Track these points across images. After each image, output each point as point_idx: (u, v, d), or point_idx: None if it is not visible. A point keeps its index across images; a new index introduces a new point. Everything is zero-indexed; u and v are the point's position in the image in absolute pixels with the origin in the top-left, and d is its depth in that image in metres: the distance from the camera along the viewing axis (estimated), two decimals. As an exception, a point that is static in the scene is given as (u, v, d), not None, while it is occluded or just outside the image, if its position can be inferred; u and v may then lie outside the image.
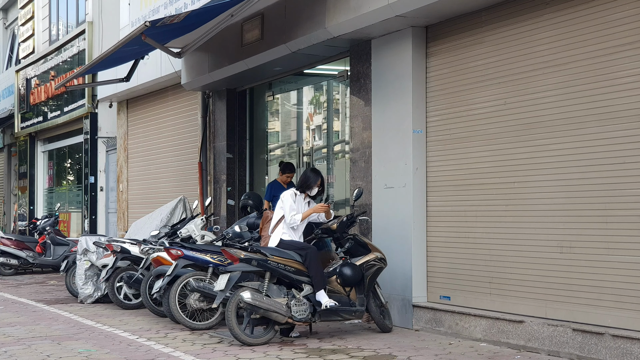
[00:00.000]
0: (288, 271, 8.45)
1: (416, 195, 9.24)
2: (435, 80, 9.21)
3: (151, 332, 9.37)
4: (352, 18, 9.25)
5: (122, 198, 17.88)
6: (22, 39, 24.06)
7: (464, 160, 8.78)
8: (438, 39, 9.16)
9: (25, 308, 11.79)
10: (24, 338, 9.02)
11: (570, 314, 7.48)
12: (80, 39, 19.43)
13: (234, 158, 13.52)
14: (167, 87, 15.78)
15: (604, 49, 7.21)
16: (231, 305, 8.21)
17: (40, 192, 23.98)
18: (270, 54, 11.06)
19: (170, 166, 15.88)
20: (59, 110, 21.02)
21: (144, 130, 17.10)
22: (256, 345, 8.22)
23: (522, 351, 7.76)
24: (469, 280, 8.69)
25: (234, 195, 13.36)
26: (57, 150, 23.23)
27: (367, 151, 9.91)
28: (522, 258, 8.03)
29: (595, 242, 7.26)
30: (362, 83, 10.06)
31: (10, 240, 17.44)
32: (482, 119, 8.54)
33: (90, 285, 12.13)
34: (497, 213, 8.36)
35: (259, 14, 11.13)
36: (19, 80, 24.10)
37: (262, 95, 13.43)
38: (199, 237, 10.81)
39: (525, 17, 8.02)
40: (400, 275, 9.31)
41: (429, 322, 9.02)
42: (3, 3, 27.12)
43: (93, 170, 19.35)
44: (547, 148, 7.75)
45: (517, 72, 8.11)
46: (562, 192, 7.61)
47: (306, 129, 12.73)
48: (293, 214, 8.72)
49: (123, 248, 11.44)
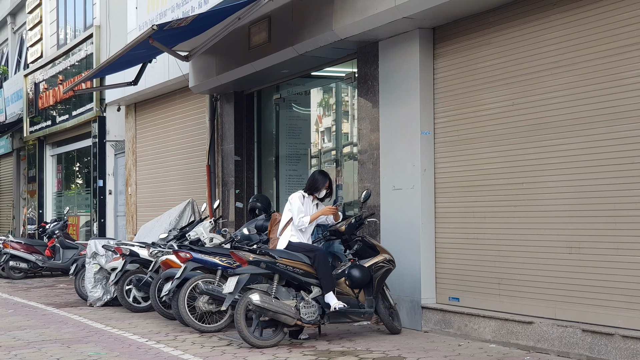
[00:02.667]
0: (297, 273, 8.45)
1: (424, 197, 9.23)
2: (442, 81, 9.20)
3: (160, 334, 9.39)
4: (359, 20, 9.25)
5: (130, 201, 17.90)
6: (31, 44, 24.13)
7: (472, 162, 8.77)
8: (445, 40, 9.15)
9: (34, 311, 11.82)
10: (33, 341, 9.04)
11: (579, 315, 7.47)
12: (88, 43, 19.47)
13: (242, 161, 13.53)
14: (175, 91, 15.81)
15: (613, 49, 7.20)
16: (240, 307, 8.21)
17: (49, 196, 24.04)
18: (277, 57, 11.07)
19: (178, 169, 15.90)
20: (68, 114, 21.07)
21: (152, 134, 17.12)
22: (265, 348, 8.22)
23: (531, 352, 7.74)
24: (478, 281, 8.67)
25: (242, 198, 13.37)
26: (65, 154, 23.28)
27: (375, 153, 9.90)
28: (531, 259, 8.01)
29: (605, 243, 7.25)
30: (369, 85, 10.06)
31: (19, 244, 17.51)
32: (490, 120, 8.53)
33: (100, 288, 12.16)
34: (505, 214, 8.34)
35: (266, 16, 11.14)
36: (27, 85, 24.17)
37: (270, 98, 13.44)
38: (207, 239, 10.83)
39: (533, 18, 8.01)
40: (409, 277, 9.30)
41: (438, 323, 9.01)
42: (11, 8, 27.21)
43: (101, 173, 19.38)
44: (556, 149, 7.74)
45: (525, 72, 8.10)
46: (570, 193, 7.60)
47: (315, 131, 12.73)
48: (301, 216, 8.72)
49: (132, 251, 11.47)
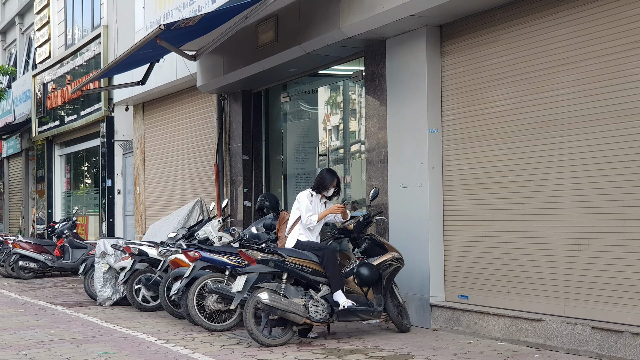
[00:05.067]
0: (305, 272, 8.45)
1: (432, 195, 9.22)
2: (450, 79, 9.19)
3: (170, 334, 9.41)
4: (366, 18, 9.24)
5: (139, 201, 17.94)
6: (39, 44, 24.20)
7: (480, 159, 8.76)
8: (452, 37, 9.14)
9: (44, 311, 11.86)
10: (43, 341, 9.07)
11: (589, 312, 7.45)
12: (96, 43, 19.52)
13: (249, 159, 13.54)
14: (183, 90, 15.83)
15: (620, 46, 7.17)
16: (249, 306, 8.22)
17: (58, 196, 24.11)
18: (284, 55, 11.08)
19: (186, 168, 15.92)
20: (76, 114, 21.12)
21: (160, 133, 17.15)
22: (274, 346, 8.23)
23: (541, 350, 7.73)
24: (487, 279, 8.66)
25: (251, 197, 13.38)
26: (74, 154, 23.34)
27: (383, 151, 9.90)
28: (539, 256, 8.00)
29: (613, 240, 7.23)
30: (377, 83, 10.05)
31: (29, 244, 17.56)
32: (498, 117, 8.52)
33: (109, 287, 12.19)
34: (514, 211, 8.33)
35: (273, 15, 11.15)
36: (35, 85, 24.24)
37: (278, 97, 13.44)
38: (216, 238, 10.83)
39: (540, 15, 7.99)
40: (418, 275, 9.29)
41: (447, 321, 9.00)
42: (19, 8, 27.30)
43: (110, 173, 19.43)
44: (564, 146, 7.72)
45: (532, 70, 8.08)
46: (579, 190, 7.58)
47: (322, 130, 12.73)
48: (309, 214, 8.72)
49: (141, 250, 11.49)
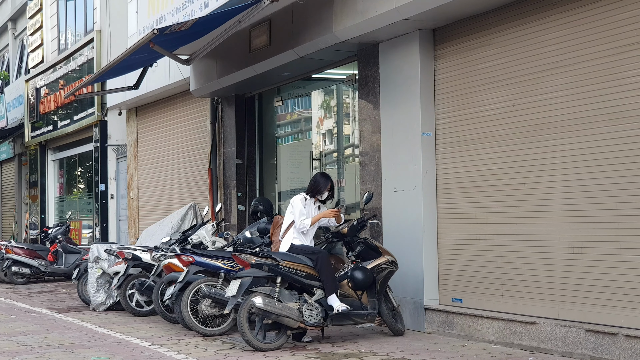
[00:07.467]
0: (299, 276, 8.44)
1: (426, 198, 9.23)
2: (443, 82, 9.20)
3: (164, 338, 9.39)
4: (359, 22, 9.25)
5: (132, 205, 17.92)
6: (31, 49, 24.15)
7: (474, 162, 8.77)
8: (446, 41, 9.15)
9: (37, 316, 11.82)
10: (37, 346, 9.05)
11: (582, 315, 7.46)
12: (89, 48, 19.50)
13: (243, 164, 13.53)
14: (176, 94, 15.82)
15: (613, 49, 7.20)
16: (243, 310, 8.21)
17: (51, 201, 24.05)
18: (278, 60, 11.08)
19: (180, 173, 15.91)
20: (69, 118, 21.09)
21: (153, 138, 17.14)
22: (269, 351, 8.23)
23: (535, 352, 7.74)
24: (481, 282, 8.67)
25: (244, 201, 13.38)
26: (67, 159, 23.30)
27: (377, 154, 9.91)
28: (533, 259, 8.01)
29: (607, 242, 7.24)
30: (370, 87, 10.06)
31: (22, 249, 17.52)
32: (491, 121, 8.53)
33: (102, 293, 12.16)
34: (507, 214, 8.34)
35: (267, 19, 11.15)
36: (28, 90, 24.20)
37: (271, 101, 13.44)
38: (209, 243, 10.83)
39: (533, 18, 8.01)
40: (412, 278, 9.30)
41: (441, 324, 9.01)
42: (12, 13, 27.25)
43: (103, 178, 19.40)
44: (557, 149, 7.74)
45: (525, 73, 8.10)
46: (572, 193, 7.59)
47: (316, 134, 12.73)
48: (302, 218, 8.72)
49: (134, 255, 11.47)
